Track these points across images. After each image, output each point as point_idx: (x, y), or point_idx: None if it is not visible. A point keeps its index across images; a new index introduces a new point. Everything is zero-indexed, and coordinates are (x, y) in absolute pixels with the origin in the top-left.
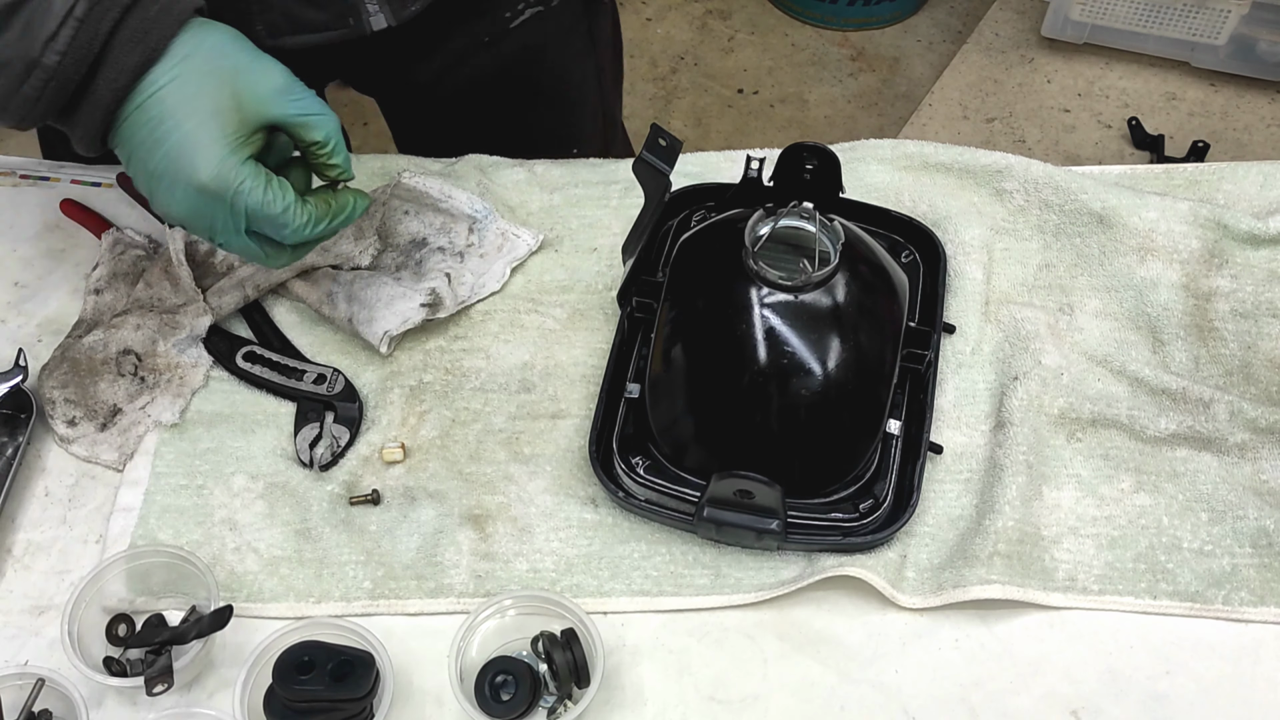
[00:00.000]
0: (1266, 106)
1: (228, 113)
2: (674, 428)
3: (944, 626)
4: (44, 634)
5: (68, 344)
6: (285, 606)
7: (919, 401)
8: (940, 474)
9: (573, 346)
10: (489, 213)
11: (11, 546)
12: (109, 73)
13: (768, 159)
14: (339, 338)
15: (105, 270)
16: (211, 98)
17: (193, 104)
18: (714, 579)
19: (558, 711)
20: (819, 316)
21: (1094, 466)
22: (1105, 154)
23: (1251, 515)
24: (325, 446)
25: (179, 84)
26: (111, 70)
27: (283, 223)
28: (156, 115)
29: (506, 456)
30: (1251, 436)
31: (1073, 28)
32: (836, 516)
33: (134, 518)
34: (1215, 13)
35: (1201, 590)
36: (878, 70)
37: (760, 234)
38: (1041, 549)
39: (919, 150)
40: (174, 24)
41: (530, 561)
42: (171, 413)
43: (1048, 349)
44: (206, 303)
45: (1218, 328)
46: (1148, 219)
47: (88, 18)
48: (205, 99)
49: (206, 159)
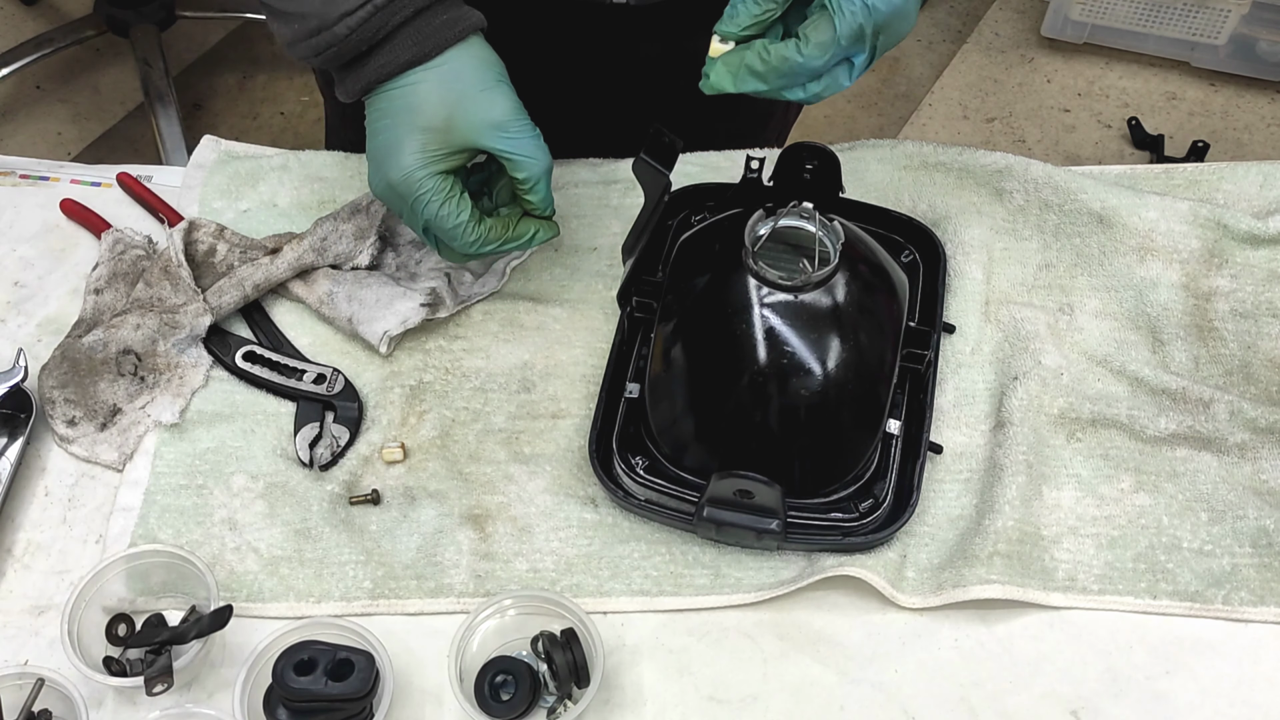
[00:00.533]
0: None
1: (435, 131)
2: (674, 427)
3: (944, 626)
4: (44, 634)
5: (67, 344)
6: (285, 606)
7: (919, 401)
8: (940, 474)
9: (573, 346)
10: None
11: (11, 546)
12: (381, 58)
13: (768, 159)
14: (339, 338)
15: (105, 270)
16: (427, 114)
17: (410, 113)
18: (714, 579)
19: (557, 711)
20: (819, 316)
21: (1094, 466)
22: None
23: (1251, 515)
24: (325, 446)
25: (415, 90)
26: (385, 57)
27: (452, 235)
28: (386, 109)
29: (506, 456)
30: (1251, 436)
31: (1073, 28)
32: (836, 516)
33: (134, 517)
34: (1215, 12)
35: (1201, 590)
36: (877, 70)
37: (760, 234)
38: (1041, 549)
39: (919, 150)
40: (453, 37)
41: (530, 561)
42: (171, 413)
43: (1048, 349)
44: (206, 303)
45: (1218, 328)
46: (1148, 219)
47: (385, 8)
48: (422, 114)
49: (398, 164)
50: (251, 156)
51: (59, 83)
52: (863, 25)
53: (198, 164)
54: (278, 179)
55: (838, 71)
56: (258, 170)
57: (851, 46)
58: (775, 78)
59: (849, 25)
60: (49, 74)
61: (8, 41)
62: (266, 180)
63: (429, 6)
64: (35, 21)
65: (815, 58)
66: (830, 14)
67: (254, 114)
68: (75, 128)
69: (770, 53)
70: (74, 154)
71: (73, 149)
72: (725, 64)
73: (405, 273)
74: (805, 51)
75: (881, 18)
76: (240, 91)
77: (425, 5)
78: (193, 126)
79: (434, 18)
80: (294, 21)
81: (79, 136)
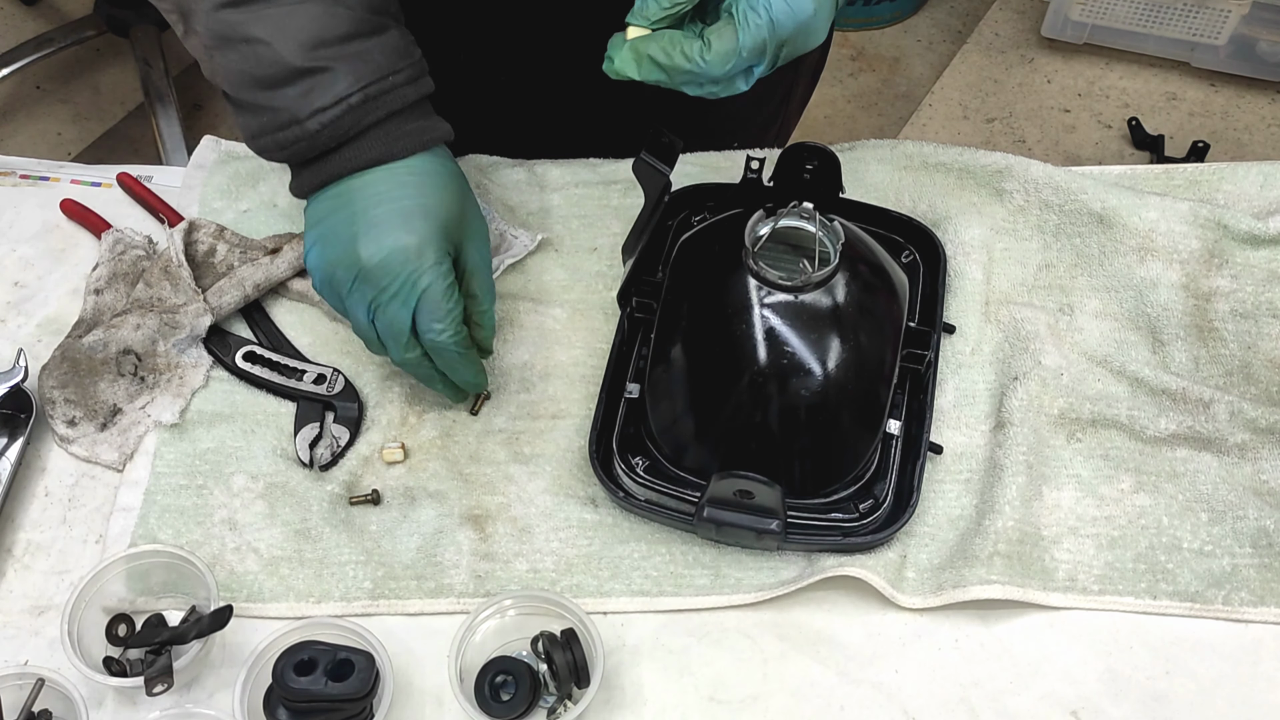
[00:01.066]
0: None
1: (450, 220)
2: (674, 428)
3: (944, 626)
4: (44, 634)
5: (67, 344)
6: (285, 606)
7: (919, 401)
8: (940, 474)
9: (573, 346)
10: (487, 213)
11: (11, 546)
12: (349, 154)
13: (768, 159)
14: (339, 338)
15: (105, 270)
16: (445, 202)
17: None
18: (714, 579)
19: (557, 712)
20: (819, 316)
21: (1094, 466)
22: (1105, 154)
23: (1251, 515)
24: (325, 446)
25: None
26: (352, 153)
27: (439, 316)
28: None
29: (506, 456)
30: (1251, 437)
31: (1073, 28)
32: (836, 517)
33: (134, 518)
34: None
35: (1201, 590)
36: (878, 70)
37: (760, 234)
38: (1041, 549)
39: (919, 150)
40: (423, 142)
41: (530, 561)
42: (171, 413)
43: (1048, 349)
44: (206, 303)
45: (1218, 328)
46: (1148, 219)
47: (358, 108)
48: (441, 198)
49: (425, 229)
50: (252, 157)
51: (59, 83)
52: (765, 40)
53: (198, 164)
54: (278, 179)
55: (735, 78)
56: (258, 170)
57: (753, 58)
58: (676, 75)
59: (752, 38)
60: (49, 74)
61: (8, 41)
62: (266, 180)
63: (401, 111)
64: (35, 21)
65: (716, 66)
66: (735, 25)
67: None
68: (75, 128)
69: (674, 51)
70: (74, 154)
71: (73, 149)
72: (632, 50)
73: None
74: (707, 58)
75: (785, 33)
76: None
77: (398, 109)
78: (193, 126)
79: (405, 123)
80: (263, 114)
81: (79, 137)
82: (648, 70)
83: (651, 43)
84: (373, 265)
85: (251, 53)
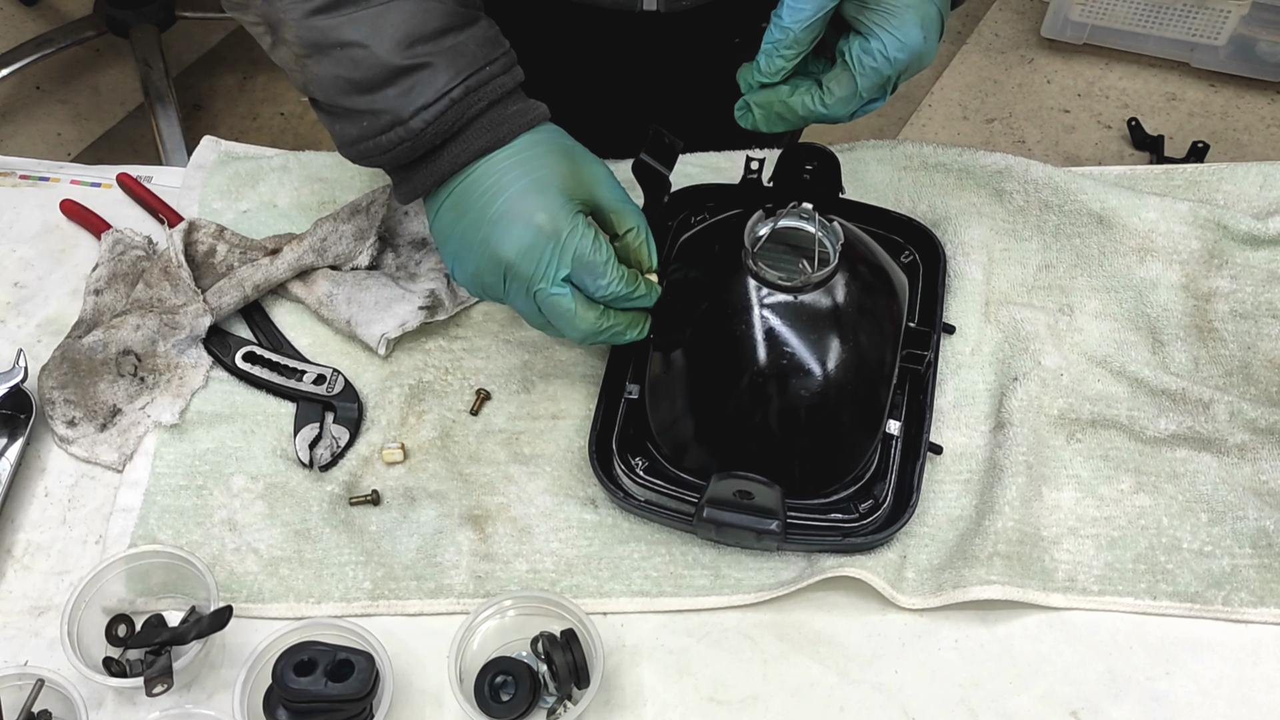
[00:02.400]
0: (1266, 106)
1: (566, 178)
2: (673, 428)
3: (944, 627)
4: (44, 634)
5: (67, 344)
6: (285, 607)
7: (919, 402)
8: (940, 474)
9: (573, 346)
10: None
11: (11, 547)
12: (456, 149)
13: (768, 159)
14: (339, 338)
15: (105, 271)
16: (554, 165)
17: (537, 165)
18: (714, 579)
19: (557, 712)
20: (819, 317)
21: (1094, 467)
22: (1105, 154)
23: (1251, 516)
24: (325, 447)
25: (524, 155)
26: (460, 147)
27: (601, 273)
28: (501, 170)
29: (506, 457)
30: (1251, 437)
31: (1072, 28)
32: (836, 517)
33: (134, 518)
34: (1215, 13)
35: (1201, 591)
36: None
37: (760, 234)
38: (1041, 549)
39: (918, 151)
40: (525, 124)
41: (530, 562)
42: (171, 413)
43: (1047, 350)
44: (206, 303)
45: (1217, 328)
46: (1147, 219)
47: (461, 101)
48: (549, 165)
49: (547, 203)
50: (251, 157)
51: (59, 83)
52: (887, 77)
53: (198, 164)
54: (278, 180)
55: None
56: (258, 171)
57: (872, 94)
58: (802, 124)
59: (869, 81)
60: (49, 74)
61: (8, 42)
62: (266, 181)
63: (500, 100)
64: (35, 22)
65: (838, 110)
66: (851, 71)
67: (254, 115)
68: (75, 128)
69: (798, 104)
70: (74, 154)
71: (73, 149)
72: (760, 108)
73: (405, 273)
74: (828, 104)
75: (900, 66)
76: (240, 92)
77: (498, 98)
78: (193, 127)
79: (506, 108)
80: (362, 120)
81: (79, 137)
82: (774, 124)
83: (775, 98)
84: (515, 260)
85: (347, 57)
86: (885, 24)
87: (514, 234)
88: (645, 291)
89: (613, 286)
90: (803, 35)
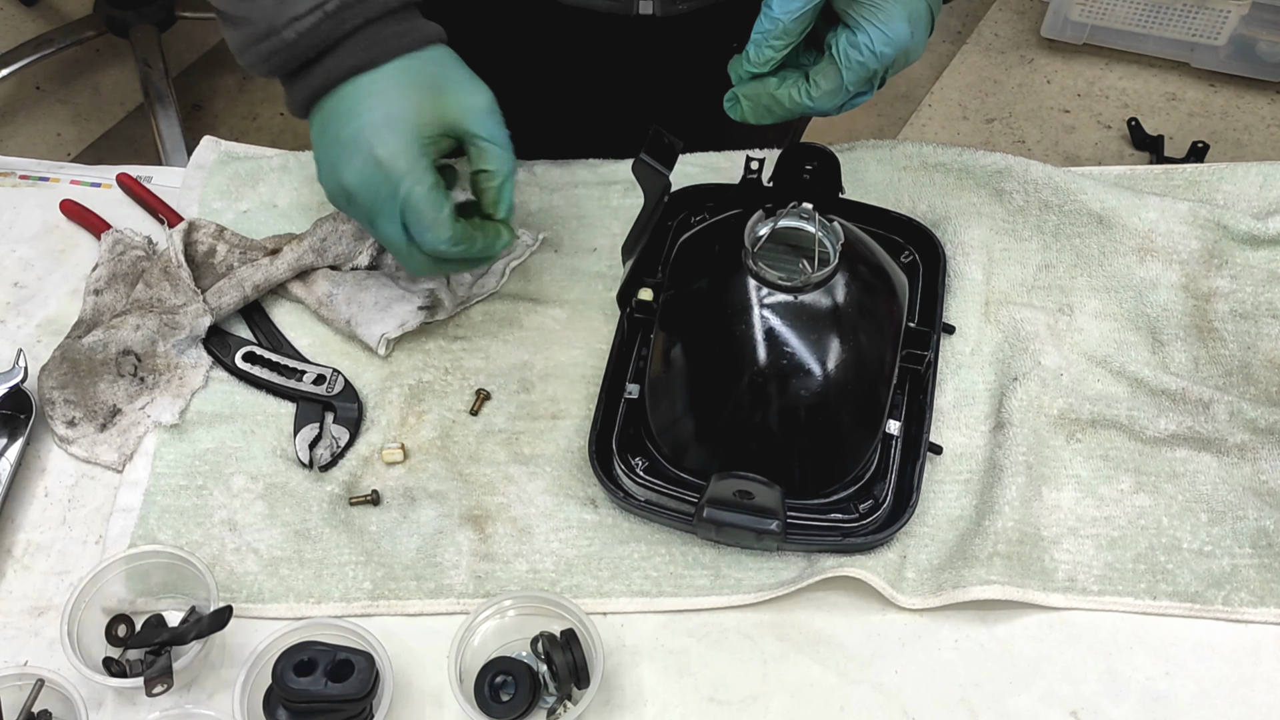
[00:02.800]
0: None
1: (425, 113)
2: (673, 428)
3: (943, 627)
4: (44, 634)
5: (67, 344)
6: (285, 607)
7: (919, 402)
8: (940, 474)
9: (572, 346)
10: None
11: (11, 547)
12: (330, 64)
13: (767, 159)
14: (338, 338)
15: (105, 271)
16: (414, 98)
17: (397, 96)
18: (714, 579)
19: (557, 712)
20: (818, 317)
21: (1094, 467)
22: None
23: (1251, 516)
24: (325, 447)
25: (389, 82)
26: (332, 63)
27: (428, 225)
28: (364, 93)
29: (506, 457)
30: (1251, 437)
31: (1072, 28)
32: (836, 517)
33: (133, 518)
34: (1215, 13)
35: (1201, 591)
36: None
37: (760, 234)
38: (1041, 549)
39: (918, 150)
40: (404, 46)
41: (530, 562)
42: (171, 413)
43: (1047, 349)
44: (206, 303)
45: (1217, 328)
46: (1147, 219)
47: (334, 15)
48: (409, 97)
49: (392, 139)
50: (251, 157)
51: (59, 83)
52: (873, 70)
53: (197, 165)
54: (278, 179)
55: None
56: (258, 171)
57: (858, 88)
58: (790, 115)
59: (855, 74)
60: (49, 74)
61: (8, 42)
62: (266, 181)
63: (380, 17)
64: (35, 22)
65: (825, 102)
66: (837, 65)
67: (254, 115)
68: (75, 128)
69: (784, 96)
70: (74, 154)
71: (73, 149)
72: (748, 100)
73: (405, 273)
74: (814, 96)
75: (887, 61)
76: (240, 92)
77: (376, 15)
78: (193, 127)
79: (385, 28)
80: (243, 27)
81: (79, 137)
82: (762, 116)
83: (763, 91)
84: (354, 190)
85: None
86: (873, 18)
87: (356, 164)
88: (481, 246)
89: (438, 243)
90: (792, 26)
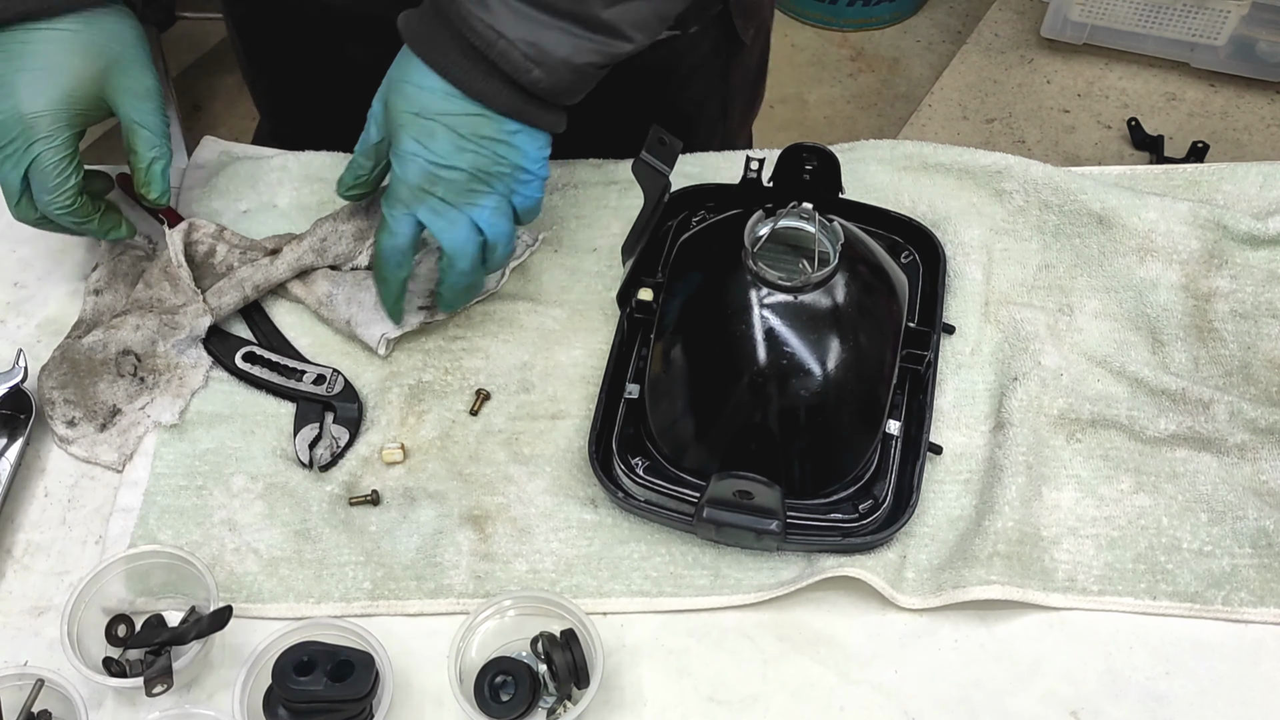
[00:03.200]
0: (1266, 106)
1: (86, 83)
2: (673, 428)
3: (943, 627)
4: (44, 634)
5: (67, 344)
6: (285, 607)
7: (919, 402)
8: (940, 474)
9: (572, 347)
10: None
11: (11, 547)
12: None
13: (767, 159)
14: (338, 338)
15: (105, 271)
16: (76, 65)
17: (64, 57)
18: (713, 579)
19: (557, 712)
20: (818, 317)
21: (1094, 467)
22: (1105, 154)
23: (1251, 516)
24: (325, 447)
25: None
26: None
27: (49, 189)
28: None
29: (506, 457)
30: (1251, 437)
31: (1072, 28)
32: (836, 517)
33: (133, 518)
34: (1215, 13)
35: (1201, 591)
36: (877, 71)
37: (760, 234)
38: (1041, 549)
39: (918, 151)
40: (82, 4)
41: (530, 562)
42: (171, 413)
43: (1047, 350)
44: (206, 303)
45: (1217, 328)
46: (1147, 219)
47: None
48: (76, 60)
49: (41, 100)
50: (251, 157)
51: None
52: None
53: (197, 164)
54: (277, 179)
55: None
56: (257, 171)
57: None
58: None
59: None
60: None
61: None
62: (266, 181)
63: None
64: None
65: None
66: None
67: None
68: None
69: None
70: None
71: None
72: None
73: None
74: None
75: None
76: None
77: None
78: (193, 127)
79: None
80: None
81: None
82: None
83: None
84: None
85: None
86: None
87: (5, 105)
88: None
89: (52, 207)
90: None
